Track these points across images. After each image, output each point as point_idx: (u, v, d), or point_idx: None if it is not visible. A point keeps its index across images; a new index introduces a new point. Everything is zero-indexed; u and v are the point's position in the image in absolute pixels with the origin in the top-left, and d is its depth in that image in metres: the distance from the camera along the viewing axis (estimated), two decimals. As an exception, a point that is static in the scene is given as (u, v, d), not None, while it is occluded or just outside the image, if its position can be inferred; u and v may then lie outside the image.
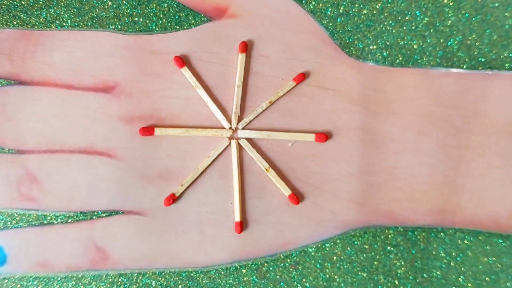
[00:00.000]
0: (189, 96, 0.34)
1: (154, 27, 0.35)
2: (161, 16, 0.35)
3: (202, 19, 0.35)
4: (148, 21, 0.35)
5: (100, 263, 0.33)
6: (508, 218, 0.34)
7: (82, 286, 0.33)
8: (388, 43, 0.35)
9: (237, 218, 0.33)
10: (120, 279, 0.34)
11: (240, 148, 0.34)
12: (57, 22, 0.35)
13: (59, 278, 0.33)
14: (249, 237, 0.34)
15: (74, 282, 0.33)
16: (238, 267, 0.34)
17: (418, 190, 0.34)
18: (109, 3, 0.35)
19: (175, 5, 0.35)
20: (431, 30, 0.35)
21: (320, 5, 0.35)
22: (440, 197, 0.34)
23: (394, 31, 0.35)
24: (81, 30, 0.35)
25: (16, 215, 0.34)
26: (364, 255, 0.34)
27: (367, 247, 0.34)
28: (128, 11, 0.35)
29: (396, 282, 0.34)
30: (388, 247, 0.34)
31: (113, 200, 0.34)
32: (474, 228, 0.34)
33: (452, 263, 0.34)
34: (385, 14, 0.35)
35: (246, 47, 0.34)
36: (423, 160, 0.34)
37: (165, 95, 0.34)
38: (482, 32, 0.35)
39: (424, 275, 0.34)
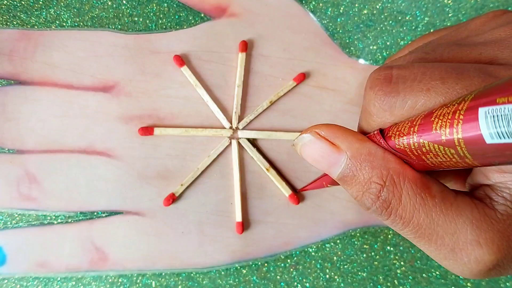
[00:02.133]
0: (189, 95, 0.34)
1: (154, 27, 0.35)
2: (161, 16, 0.35)
3: (202, 18, 0.35)
4: (148, 21, 0.35)
5: (99, 264, 0.33)
6: None
7: (82, 287, 0.33)
8: (388, 43, 0.35)
9: (238, 218, 0.33)
10: (120, 280, 0.33)
11: (240, 147, 0.34)
12: (57, 22, 0.35)
13: (59, 279, 0.33)
14: (249, 237, 0.34)
15: (74, 283, 0.33)
16: (239, 267, 0.34)
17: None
18: (109, 3, 0.35)
19: (175, 5, 0.35)
20: (431, 30, 0.35)
21: (320, 5, 0.35)
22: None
23: (394, 31, 0.35)
24: (81, 30, 0.35)
25: (16, 215, 0.34)
26: (364, 255, 0.34)
27: (367, 247, 0.34)
28: (128, 11, 0.35)
29: (396, 282, 0.34)
30: (388, 247, 0.34)
31: (112, 200, 0.34)
32: None
33: (451, 263, 0.34)
34: (385, 14, 0.35)
35: (246, 46, 0.34)
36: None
37: (164, 95, 0.34)
38: (482, 32, 0.35)
39: (424, 275, 0.34)
